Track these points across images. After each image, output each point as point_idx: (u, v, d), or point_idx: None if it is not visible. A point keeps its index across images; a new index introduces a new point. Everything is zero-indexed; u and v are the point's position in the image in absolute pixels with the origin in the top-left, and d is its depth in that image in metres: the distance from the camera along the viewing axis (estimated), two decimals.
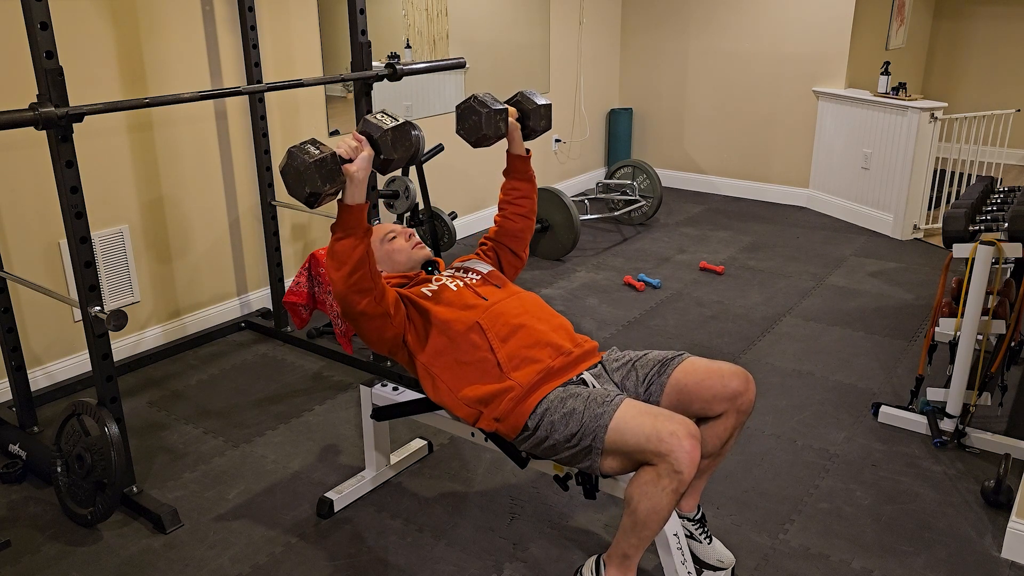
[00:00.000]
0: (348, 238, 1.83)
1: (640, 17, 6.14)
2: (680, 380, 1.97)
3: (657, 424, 1.72)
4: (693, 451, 1.69)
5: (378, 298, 1.91)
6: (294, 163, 1.73)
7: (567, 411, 1.85)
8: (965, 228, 2.65)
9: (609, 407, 1.80)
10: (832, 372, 3.35)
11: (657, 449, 1.70)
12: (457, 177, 4.99)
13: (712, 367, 1.97)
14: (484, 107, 2.07)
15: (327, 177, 1.74)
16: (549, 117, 2.29)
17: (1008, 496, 2.45)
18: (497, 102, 2.12)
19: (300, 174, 1.73)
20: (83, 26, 3.09)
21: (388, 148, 1.84)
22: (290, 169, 1.75)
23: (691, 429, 1.72)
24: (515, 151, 2.27)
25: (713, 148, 6.11)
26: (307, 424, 2.99)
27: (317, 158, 1.73)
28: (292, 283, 3.35)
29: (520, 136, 2.24)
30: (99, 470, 2.33)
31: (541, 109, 2.26)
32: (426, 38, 4.59)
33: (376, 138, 1.82)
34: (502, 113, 2.12)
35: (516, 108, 2.24)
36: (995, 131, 5.22)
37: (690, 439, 1.70)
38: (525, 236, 2.34)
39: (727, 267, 4.57)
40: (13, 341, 2.75)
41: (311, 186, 1.73)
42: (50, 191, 3.07)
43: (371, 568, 2.25)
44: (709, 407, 1.95)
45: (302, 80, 2.82)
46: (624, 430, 1.75)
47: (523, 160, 2.28)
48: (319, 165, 1.73)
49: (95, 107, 2.23)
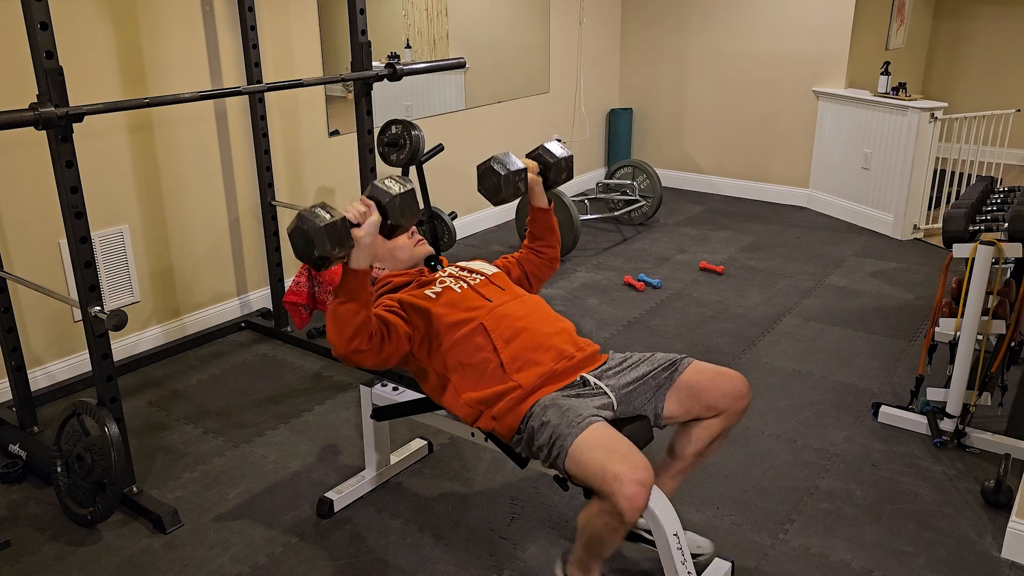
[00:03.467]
0: (351, 303, 1.82)
1: (640, 17, 6.14)
2: (691, 379, 2.00)
3: (606, 463, 1.68)
4: (635, 498, 1.65)
5: (375, 351, 1.91)
6: (304, 226, 1.74)
7: (544, 421, 1.85)
8: (965, 228, 2.65)
9: (575, 428, 1.77)
10: (832, 372, 3.35)
11: (601, 488, 1.69)
12: (457, 177, 4.99)
13: (720, 369, 2.04)
14: (503, 169, 2.10)
15: (337, 241, 1.75)
16: (570, 169, 2.31)
17: (1008, 496, 2.45)
18: (515, 163, 2.14)
19: (310, 237, 1.73)
20: (83, 26, 3.09)
21: (396, 214, 1.84)
22: (300, 232, 1.75)
23: (640, 475, 1.66)
24: (536, 204, 2.29)
25: (713, 148, 6.11)
26: (307, 424, 2.99)
27: (328, 222, 1.73)
28: (292, 283, 3.34)
29: (541, 190, 2.26)
30: (99, 470, 2.33)
31: (562, 162, 2.27)
32: (426, 38, 4.60)
33: (384, 204, 1.83)
34: (520, 174, 2.14)
35: (537, 161, 2.25)
36: (995, 131, 5.22)
37: (634, 485, 1.65)
38: (543, 277, 2.38)
39: (727, 267, 4.57)
40: (13, 341, 2.75)
41: (320, 250, 1.73)
42: (50, 191, 3.06)
43: (371, 568, 2.25)
44: (715, 405, 1.99)
45: (302, 80, 2.82)
46: (579, 459, 1.74)
47: (545, 212, 2.30)
48: (330, 229, 1.73)
49: (95, 107, 2.23)
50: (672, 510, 1.87)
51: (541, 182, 2.24)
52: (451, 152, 4.73)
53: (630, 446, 1.74)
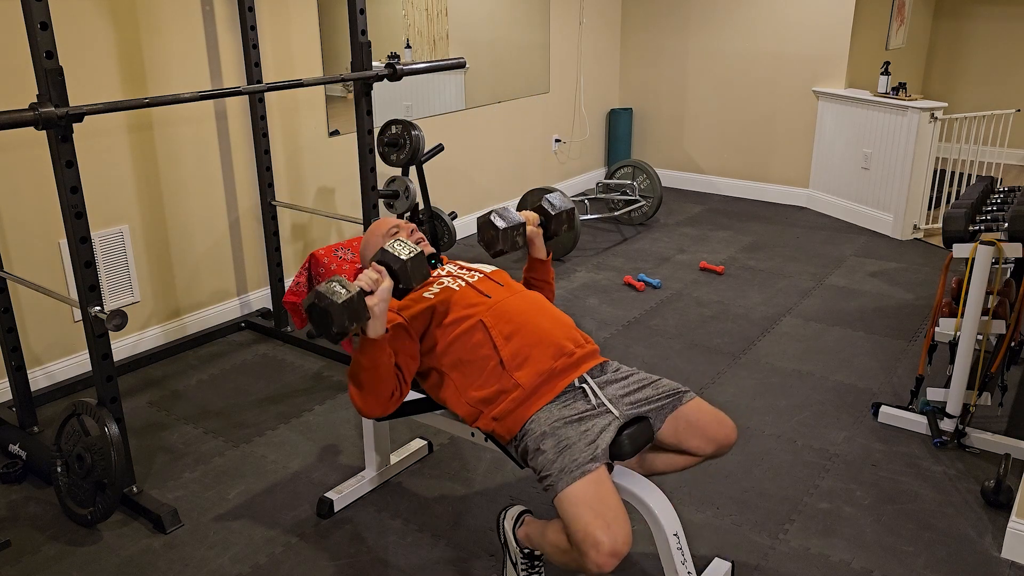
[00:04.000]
0: (373, 371, 1.88)
1: (640, 17, 6.14)
2: (691, 415, 2.00)
3: (590, 527, 1.69)
4: (604, 567, 1.67)
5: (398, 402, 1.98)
6: (322, 303, 1.76)
7: (540, 448, 1.85)
8: (965, 228, 2.65)
9: (568, 477, 1.76)
10: (832, 372, 3.35)
11: (578, 546, 1.70)
12: (457, 177, 4.99)
13: (719, 415, 2.04)
14: (501, 222, 2.12)
15: (355, 317, 1.78)
16: (571, 220, 2.32)
17: (1008, 496, 2.45)
18: (514, 217, 2.16)
19: (328, 315, 1.76)
20: (83, 26, 3.09)
21: (407, 278, 1.88)
22: (317, 309, 1.77)
23: (618, 547, 1.67)
24: (535, 255, 2.31)
25: (713, 148, 6.11)
26: (307, 424, 2.99)
27: (345, 298, 1.76)
28: (292, 283, 3.35)
29: (541, 242, 2.28)
30: (99, 470, 2.33)
31: (563, 215, 2.29)
32: (426, 38, 4.60)
33: (396, 270, 1.87)
34: (519, 228, 2.16)
35: (538, 213, 2.27)
36: (995, 131, 5.22)
37: (609, 557, 1.67)
38: None
39: (727, 267, 4.57)
40: (13, 341, 2.75)
41: (338, 327, 1.76)
42: (50, 191, 3.07)
43: (371, 568, 2.25)
44: (701, 447, 2.01)
45: (302, 80, 2.82)
46: (566, 508, 1.74)
47: (542, 264, 2.32)
48: (347, 305, 1.76)
49: (95, 107, 2.22)
50: (672, 510, 1.87)
51: (541, 234, 2.27)
52: (451, 152, 4.74)
53: (617, 510, 1.73)
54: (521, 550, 2.04)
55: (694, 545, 2.32)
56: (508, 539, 2.07)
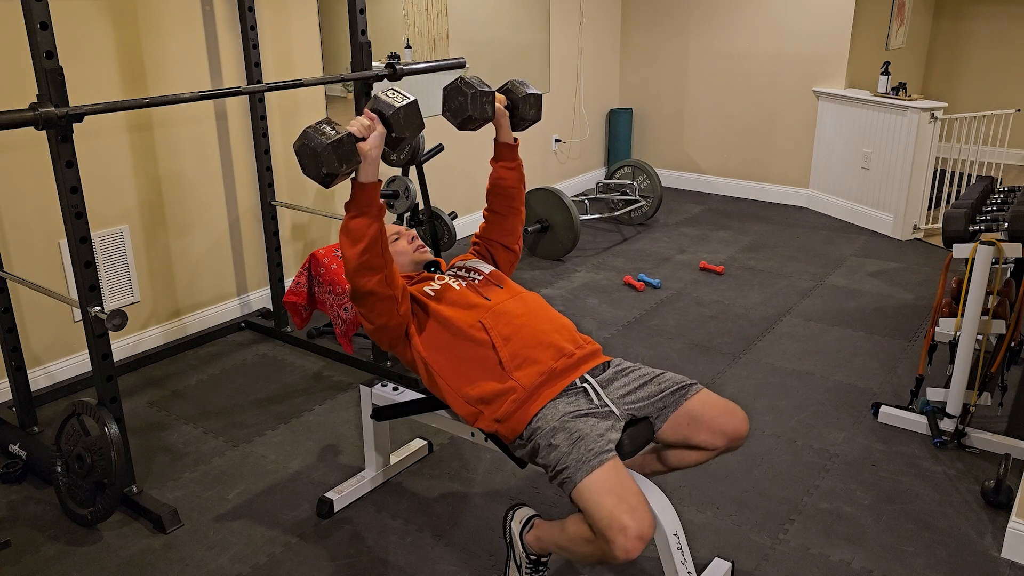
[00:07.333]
0: (362, 216, 1.86)
1: (640, 17, 6.14)
2: (696, 409, 1.97)
3: (615, 512, 1.67)
4: (632, 552, 1.66)
5: (388, 279, 1.93)
6: (311, 144, 1.73)
7: (553, 444, 1.83)
8: (965, 228, 2.65)
9: (587, 466, 1.75)
10: (832, 372, 3.35)
11: (603, 534, 1.69)
12: (457, 177, 4.99)
13: (728, 406, 2.00)
14: (470, 88, 2.05)
15: (344, 158, 1.75)
16: (539, 107, 2.27)
17: (1008, 496, 2.45)
18: (485, 85, 2.09)
19: (317, 155, 1.73)
20: (83, 26, 3.09)
21: (400, 126, 1.84)
22: (306, 150, 1.74)
23: (644, 530, 1.67)
24: (503, 139, 2.25)
25: (713, 148, 6.11)
26: (307, 424, 2.99)
27: (334, 139, 1.73)
28: (292, 283, 3.35)
29: (508, 124, 2.22)
30: (99, 470, 2.33)
31: (531, 98, 2.24)
32: (426, 38, 4.59)
33: (388, 116, 1.83)
34: (488, 96, 2.08)
35: (506, 96, 2.23)
36: (995, 131, 5.22)
37: (636, 540, 1.66)
38: (516, 228, 2.33)
39: (727, 267, 4.57)
40: (13, 341, 2.75)
41: (328, 167, 1.73)
42: (50, 191, 3.07)
43: (371, 568, 2.25)
44: (711, 441, 1.97)
45: (302, 80, 2.82)
46: (587, 497, 1.73)
47: (511, 148, 2.26)
48: (336, 146, 1.73)
49: (95, 107, 2.22)
50: (672, 510, 1.87)
51: (508, 116, 2.21)
52: (451, 152, 4.73)
53: (638, 495, 1.72)
54: (528, 556, 2.02)
55: (694, 545, 2.32)
56: (514, 541, 2.06)
